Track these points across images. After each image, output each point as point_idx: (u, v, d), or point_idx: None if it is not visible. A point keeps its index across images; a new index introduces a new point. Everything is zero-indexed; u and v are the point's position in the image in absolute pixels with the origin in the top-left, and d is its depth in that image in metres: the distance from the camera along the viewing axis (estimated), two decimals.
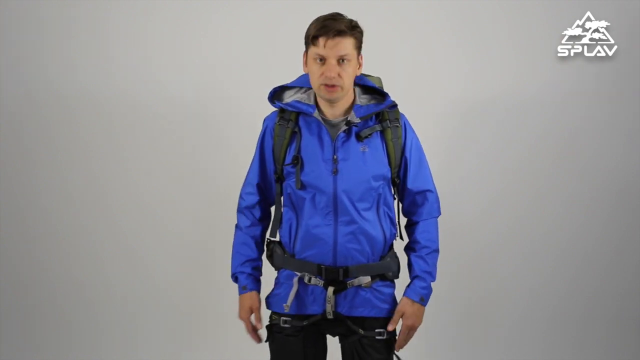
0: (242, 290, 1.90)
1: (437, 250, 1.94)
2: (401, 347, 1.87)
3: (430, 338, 3.19)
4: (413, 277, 1.88)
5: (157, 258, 3.22)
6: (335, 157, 1.75)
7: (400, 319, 1.84)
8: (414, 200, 1.90)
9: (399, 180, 1.87)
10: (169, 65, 3.14)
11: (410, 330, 1.85)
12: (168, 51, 3.14)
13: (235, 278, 1.94)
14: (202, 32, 3.14)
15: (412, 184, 1.88)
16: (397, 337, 1.88)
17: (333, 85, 1.70)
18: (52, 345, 3.19)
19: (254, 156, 1.93)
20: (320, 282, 1.76)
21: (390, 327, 1.82)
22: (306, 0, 2.66)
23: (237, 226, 2.00)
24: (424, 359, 3.05)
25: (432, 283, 1.90)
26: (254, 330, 1.89)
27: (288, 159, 1.80)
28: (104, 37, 3.14)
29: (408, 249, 1.93)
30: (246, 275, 1.91)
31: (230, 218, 3.01)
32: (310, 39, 1.72)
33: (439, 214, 1.97)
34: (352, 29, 1.71)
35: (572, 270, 3.22)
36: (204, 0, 3.12)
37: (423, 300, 1.85)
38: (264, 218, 1.97)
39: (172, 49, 3.14)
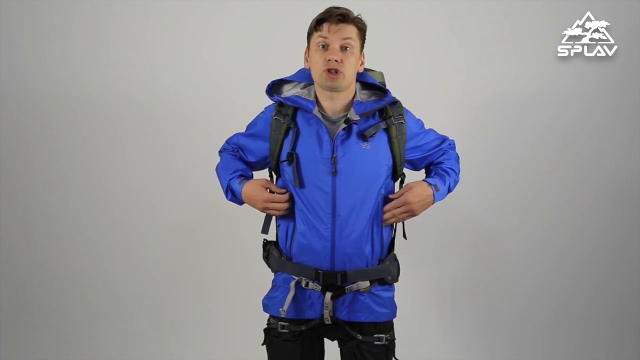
0: (240, 184, 1.81)
1: (456, 171, 1.93)
2: (385, 219, 1.77)
3: (429, 338, 3.19)
4: (433, 174, 1.88)
5: (157, 258, 3.22)
6: (334, 156, 1.71)
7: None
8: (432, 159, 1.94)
9: (404, 176, 1.87)
10: (169, 66, 3.14)
11: (405, 207, 1.76)
12: (168, 51, 3.14)
13: (228, 190, 1.84)
14: (202, 33, 3.14)
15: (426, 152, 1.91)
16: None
17: (336, 72, 1.67)
18: (51, 345, 3.19)
19: (247, 129, 1.92)
20: (318, 287, 1.73)
21: (392, 196, 1.77)
22: (306, 1, 2.66)
23: (219, 154, 1.96)
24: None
25: (444, 194, 1.85)
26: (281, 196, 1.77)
27: (283, 156, 1.76)
28: (104, 37, 3.13)
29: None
30: (238, 176, 1.85)
31: (229, 218, 3.04)
32: (314, 25, 1.72)
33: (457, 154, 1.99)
34: (356, 19, 1.72)
35: (572, 270, 3.22)
36: (204, 2, 3.12)
37: (437, 189, 1.80)
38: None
39: (172, 49, 3.14)
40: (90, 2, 3.12)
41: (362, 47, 1.75)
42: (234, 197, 1.85)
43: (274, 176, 1.87)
